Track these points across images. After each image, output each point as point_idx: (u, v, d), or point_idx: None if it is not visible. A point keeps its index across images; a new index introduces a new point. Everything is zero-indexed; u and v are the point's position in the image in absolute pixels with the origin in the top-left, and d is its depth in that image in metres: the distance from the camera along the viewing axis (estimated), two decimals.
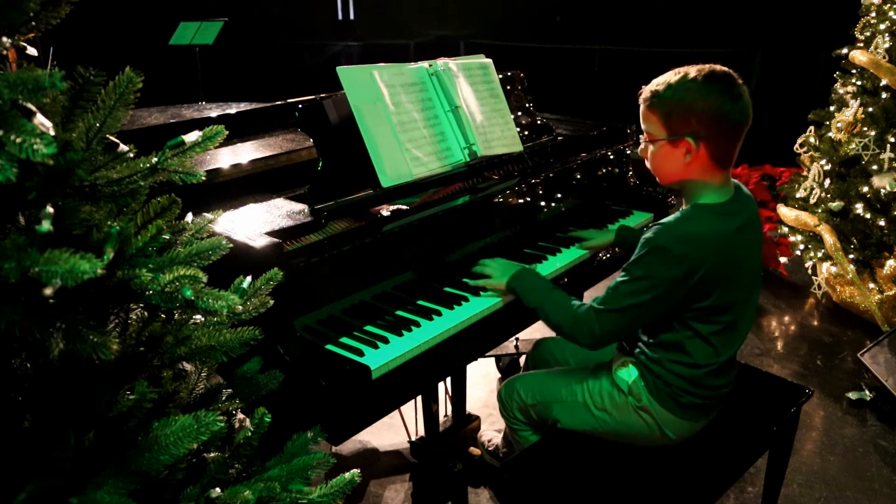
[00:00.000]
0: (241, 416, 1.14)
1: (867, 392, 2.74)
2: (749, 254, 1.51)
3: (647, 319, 1.52)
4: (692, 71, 1.42)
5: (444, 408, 2.45)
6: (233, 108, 2.61)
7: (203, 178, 0.98)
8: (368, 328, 1.56)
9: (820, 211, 3.52)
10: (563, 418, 1.70)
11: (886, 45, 3.28)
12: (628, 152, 2.48)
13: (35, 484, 0.81)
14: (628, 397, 1.60)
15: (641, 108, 1.49)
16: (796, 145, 3.92)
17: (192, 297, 0.86)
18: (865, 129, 3.36)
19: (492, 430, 2.40)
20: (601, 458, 1.62)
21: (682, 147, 1.44)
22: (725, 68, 1.43)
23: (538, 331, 3.29)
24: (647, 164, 1.53)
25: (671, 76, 1.44)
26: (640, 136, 1.53)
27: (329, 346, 1.49)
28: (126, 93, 0.89)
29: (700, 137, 1.41)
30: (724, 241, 1.43)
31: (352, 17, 10.08)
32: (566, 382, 1.72)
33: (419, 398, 2.23)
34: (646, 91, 1.47)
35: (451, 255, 1.84)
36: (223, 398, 1.13)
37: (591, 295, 1.69)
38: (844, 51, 3.57)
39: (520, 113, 2.30)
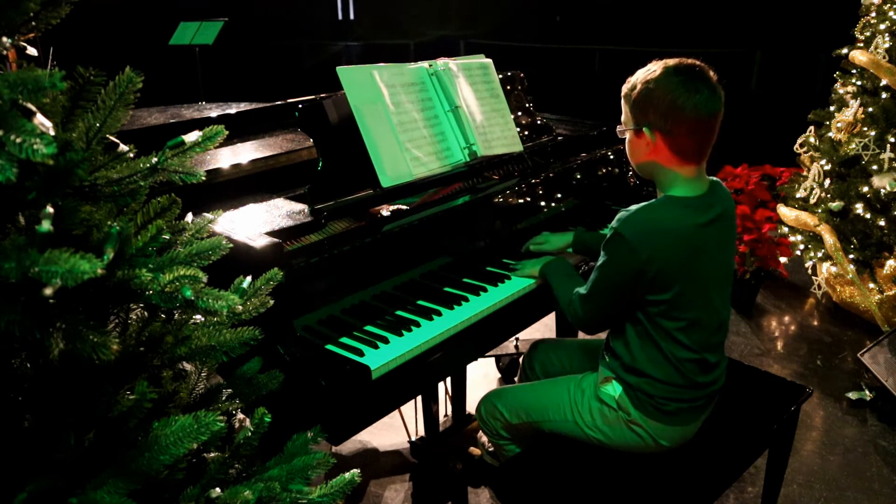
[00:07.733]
0: (241, 416, 1.14)
1: (867, 392, 2.74)
2: (716, 251, 1.47)
3: (618, 305, 1.51)
4: (660, 64, 1.42)
5: (444, 408, 2.46)
6: (233, 108, 2.61)
7: (203, 178, 0.98)
8: (368, 328, 1.56)
9: (820, 211, 3.52)
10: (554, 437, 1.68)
11: (886, 45, 3.28)
12: None
13: (35, 484, 0.81)
14: (619, 412, 1.57)
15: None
16: (796, 145, 3.92)
17: (192, 297, 0.86)
18: (865, 129, 3.36)
19: None
20: (601, 458, 1.62)
21: (643, 138, 1.45)
22: (696, 62, 1.41)
23: (538, 331, 3.29)
24: None
25: (644, 68, 1.45)
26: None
27: (329, 346, 1.49)
28: (126, 93, 0.90)
29: (655, 128, 1.42)
30: (685, 235, 1.41)
31: (352, 17, 10.08)
32: (552, 401, 1.67)
33: (419, 398, 2.23)
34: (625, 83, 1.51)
35: (450, 255, 1.84)
36: (223, 398, 1.13)
37: None
38: (844, 51, 3.57)
39: (520, 113, 2.30)
